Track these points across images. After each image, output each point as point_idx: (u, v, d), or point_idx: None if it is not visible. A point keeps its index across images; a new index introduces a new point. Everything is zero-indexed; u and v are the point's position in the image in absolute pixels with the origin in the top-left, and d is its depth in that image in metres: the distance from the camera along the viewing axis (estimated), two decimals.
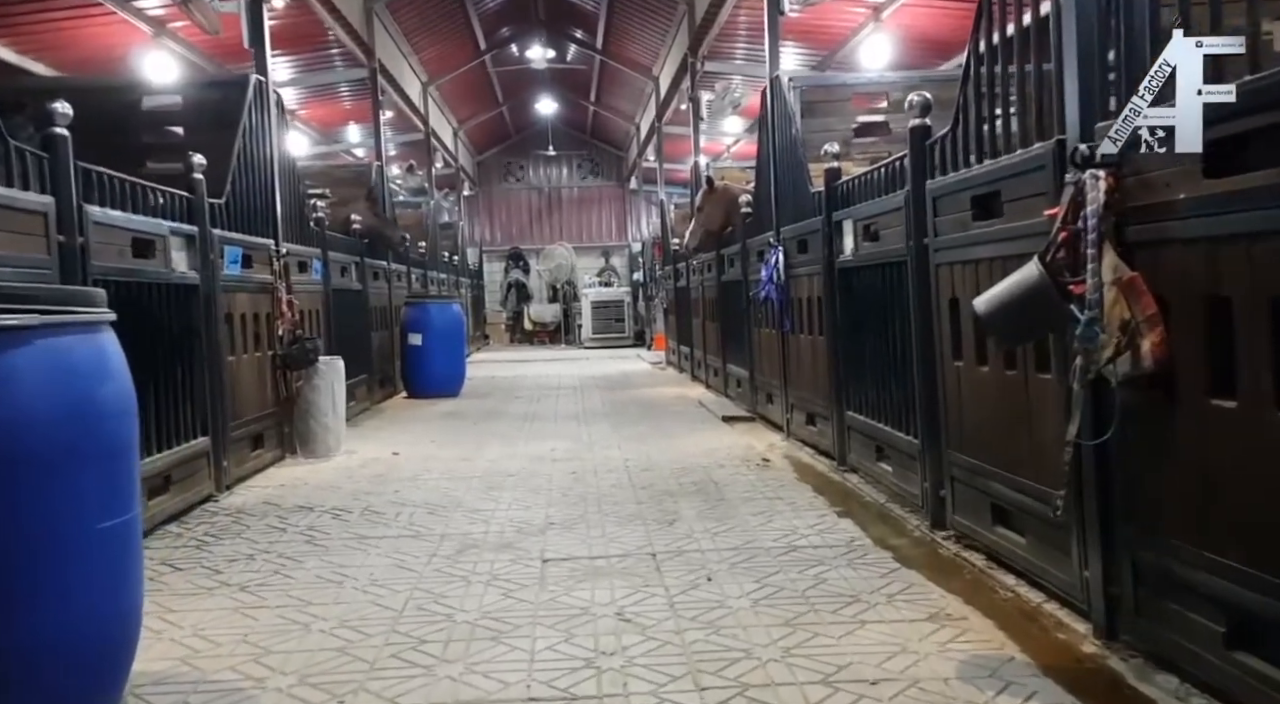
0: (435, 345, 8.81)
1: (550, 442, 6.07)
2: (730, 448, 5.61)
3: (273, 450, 5.41)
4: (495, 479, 4.84)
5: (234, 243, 4.95)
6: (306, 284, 6.34)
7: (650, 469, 5.00)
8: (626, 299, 17.77)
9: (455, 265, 14.87)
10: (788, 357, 5.81)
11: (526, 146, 20.28)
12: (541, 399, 8.73)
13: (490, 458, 5.50)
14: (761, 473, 4.82)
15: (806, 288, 5.33)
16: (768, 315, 6.22)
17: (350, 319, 7.56)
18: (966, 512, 3.27)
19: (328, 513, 4.17)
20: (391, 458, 5.60)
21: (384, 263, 9.03)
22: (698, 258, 9.31)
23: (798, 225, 5.44)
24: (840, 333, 4.73)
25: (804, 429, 5.50)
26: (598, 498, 4.32)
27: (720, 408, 7.48)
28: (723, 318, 8.22)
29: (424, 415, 7.62)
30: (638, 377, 11.22)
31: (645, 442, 5.97)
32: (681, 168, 16.87)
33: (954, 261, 3.25)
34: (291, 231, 6.12)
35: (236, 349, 4.97)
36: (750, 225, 6.93)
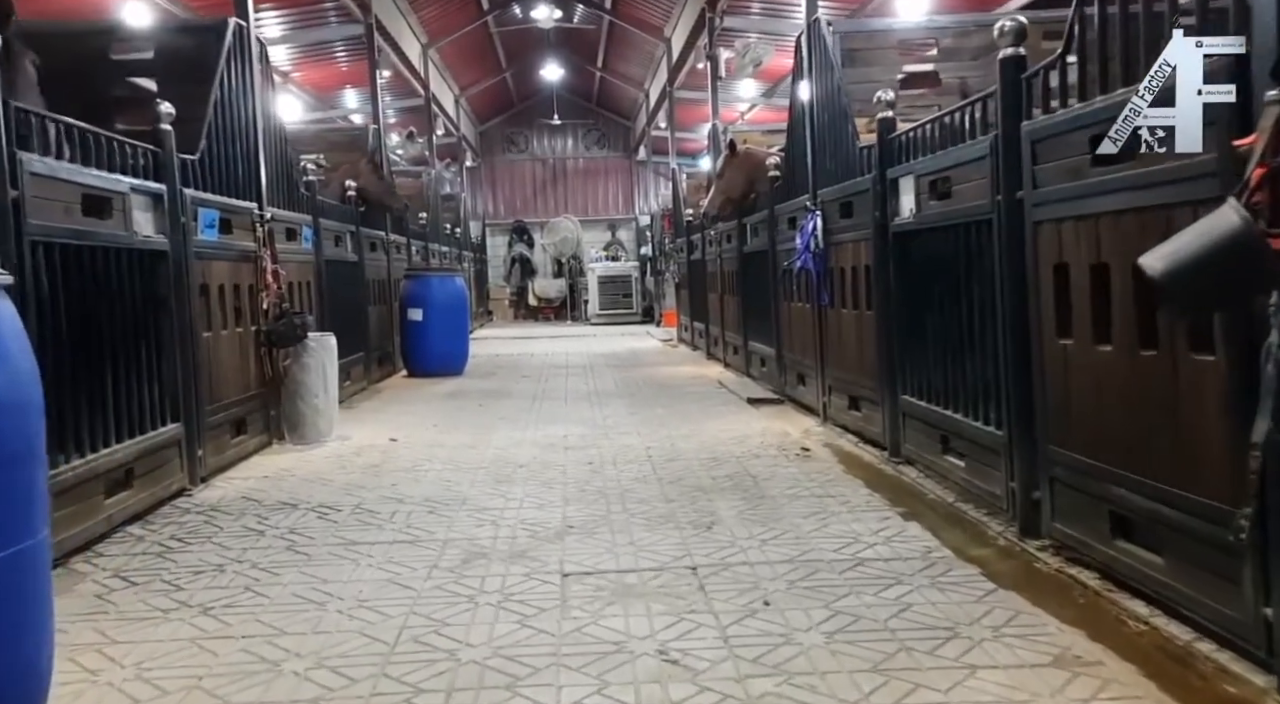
0: (437, 321, 8.27)
1: (562, 426, 5.54)
2: (762, 434, 5.08)
3: (257, 436, 4.88)
4: (504, 470, 4.31)
5: (210, 205, 4.40)
6: (296, 253, 5.79)
7: (676, 459, 4.47)
8: (634, 274, 17.17)
9: (458, 238, 14.30)
10: (825, 334, 5.26)
11: (531, 116, 19.60)
12: (550, 378, 8.20)
13: (497, 445, 4.97)
14: (803, 464, 4.29)
15: (850, 256, 4.76)
16: (802, 288, 5.66)
17: (345, 292, 7.01)
18: (1071, 519, 2.73)
19: (313, 511, 3.64)
20: (389, 444, 5.08)
21: (382, 233, 8.47)
22: (715, 228, 8.73)
23: (840, 187, 4.87)
24: (895, 306, 4.18)
25: (845, 414, 4.96)
26: (620, 494, 3.80)
27: (743, 389, 6.94)
28: (744, 291, 7.66)
29: (425, 396, 7.10)
30: (649, 354, 10.69)
31: (666, 426, 5.43)
32: (693, 137, 16.23)
33: (1062, 218, 2.69)
34: (278, 195, 5.56)
35: (214, 324, 4.43)
36: (779, 191, 6.35)
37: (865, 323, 4.59)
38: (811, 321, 5.51)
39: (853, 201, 4.69)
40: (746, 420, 5.60)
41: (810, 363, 5.61)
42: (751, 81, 12.59)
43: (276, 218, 5.34)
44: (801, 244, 5.22)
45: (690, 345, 11.07)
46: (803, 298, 5.77)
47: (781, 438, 4.96)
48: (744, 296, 7.69)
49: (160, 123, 4.01)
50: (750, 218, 7.35)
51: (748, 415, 5.81)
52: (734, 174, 7.19)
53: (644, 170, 19.29)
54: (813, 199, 5.29)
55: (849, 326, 4.85)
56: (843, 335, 4.96)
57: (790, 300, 6.10)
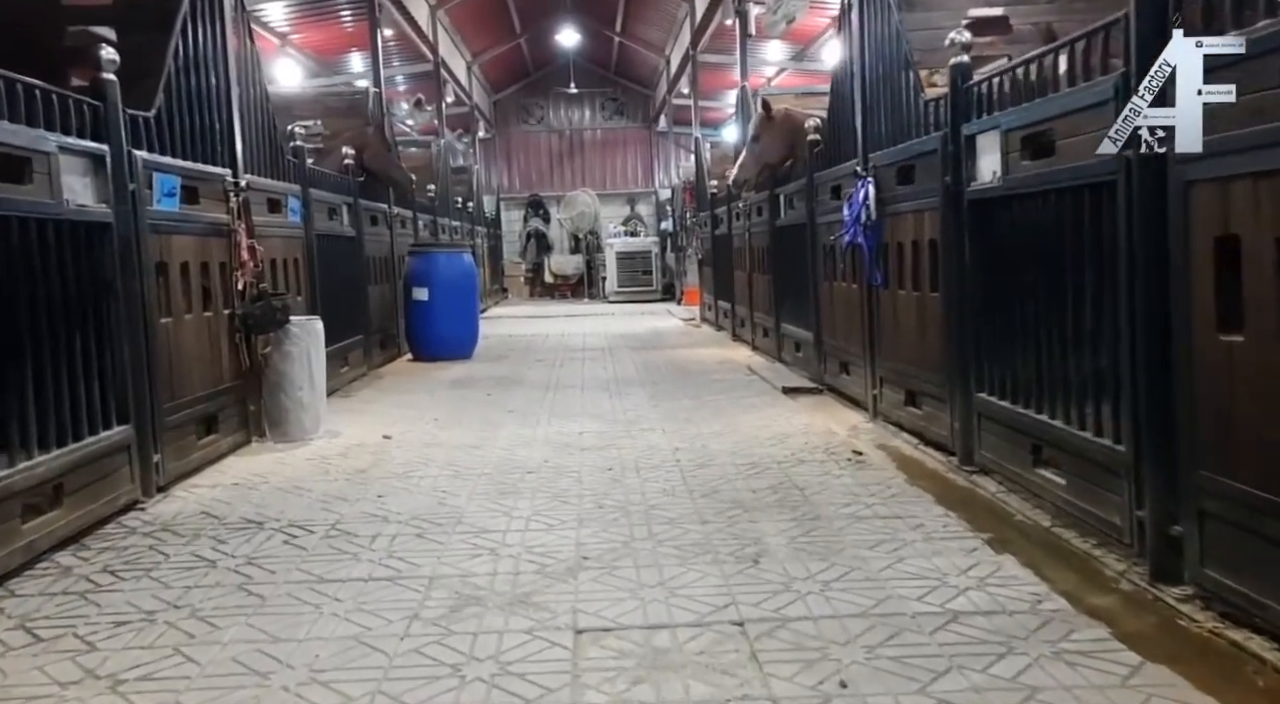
0: (443, 301, 7.68)
1: (578, 421, 4.94)
2: (804, 432, 4.46)
3: (232, 435, 4.32)
4: (509, 477, 3.73)
5: (169, 170, 3.80)
6: (280, 227, 5.20)
7: (708, 464, 3.87)
8: (654, 249, 16.51)
9: (470, 212, 13.69)
10: (876, 318, 4.62)
11: (546, 85, 18.86)
12: (565, 363, 7.60)
13: (503, 444, 4.38)
14: (857, 472, 3.67)
15: (910, 229, 4.11)
16: (848, 266, 5.01)
17: (341, 270, 6.42)
18: (1230, 566, 2.11)
19: (281, 533, 3.07)
20: (381, 443, 4.50)
21: (385, 206, 7.86)
22: (744, 201, 8.07)
23: (898, 149, 4.21)
24: (969, 288, 3.53)
25: (900, 410, 4.33)
26: (645, 511, 3.20)
27: (776, 376, 6.32)
28: (777, 269, 7.01)
29: (428, 384, 6.52)
30: (670, 335, 10.07)
31: (694, 421, 4.83)
32: (716, 105, 15.47)
33: (1231, 175, 2.04)
34: (259, 161, 4.96)
35: (176, 308, 3.85)
36: (819, 157, 5.68)
37: (929, 307, 3.95)
38: (859, 304, 4.87)
39: (914, 165, 4.03)
40: (784, 414, 4.98)
41: (856, 351, 4.98)
42: (779, 44, 11.83)
43: (255, 186, 4.74)
44: (850, 216, 4.56)
45: (714, 325, 10.45)
46: (848, 277, 5.12)
47: (827, 437, 4.34)
48: (776, 275, 7.04)
49: (103, 72, 3.40)
50: (785, 188, 6.69)
51: (784, 408, 5.19)
52: (771, 138, 6.53)
53: (664, 141, 18.54)
54: (863, 164, 4.62)
55: (907, 311, 4.21)
56: (899, 321, 4.32)
57: (832, 279, 5.45)
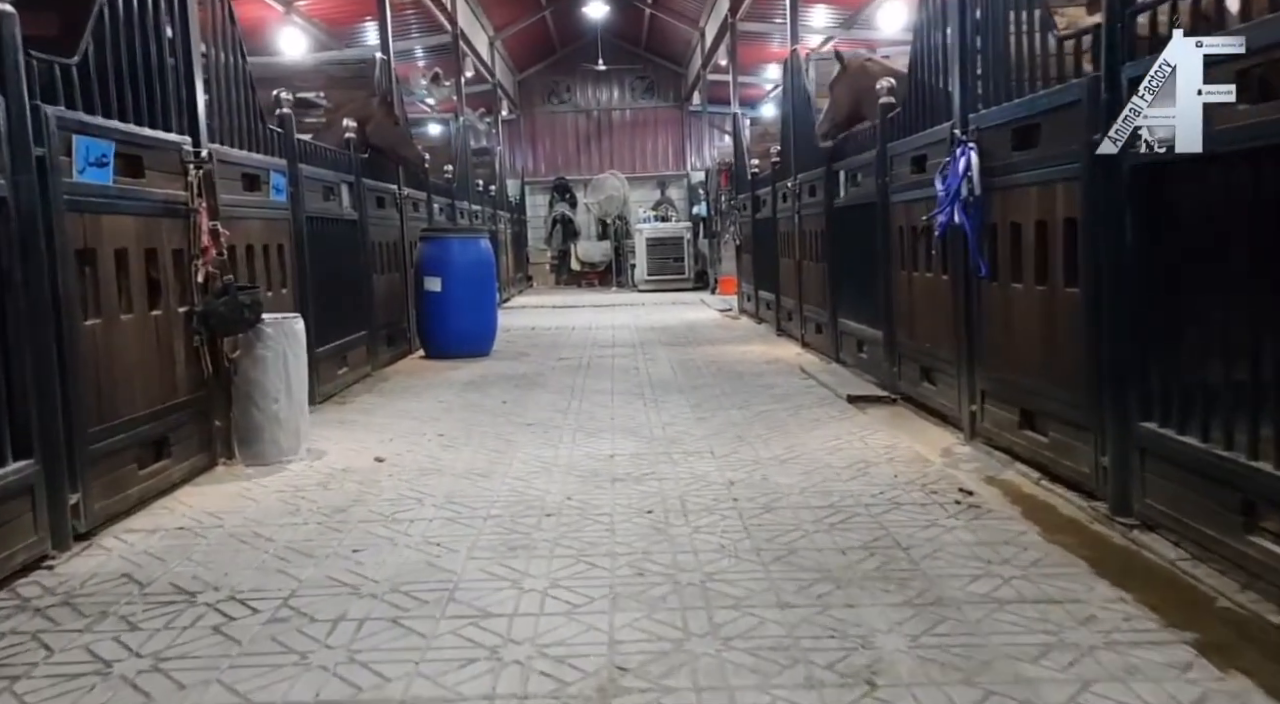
0: (458, 292, 6.89)
1: (607, 439, 4.13)
2: (888, 458, 3.62)
3: (191, 459, 3.56)
4: (521, 523, 2.92)
5: (97, 132, 3.02)
6: (259, 208, 4.42)
7: (774, 505, 3.04)
8: (686, 235, 15.61)
9: (492, 196, 12.90)
10: (978, 316, 3.75)
11: (573, 63, 17.96)
12: (592, 362, 6.79)
13: (518, 471, 3.59)
14: (971, 521, 2.82)
15: (1032, 205, 3.24)
16: (935, 252, 4.15)
17: (339, 258, 5.65)
18: None
19: (216, 610, 2.29)
20: (371, 467, 3.72)
21: (394, 186, 7.08)
22: (792, 179, 7.20)
23: (1015, 105, 3.33)
24: (1130, 280, 2.66)
25: (1012, 434, 3.47)
26: (701, 584, 2.38)
27: (836, 381, 5.46)
28: (834, 256, 6.15)
29: (438, 387, 5.74)
30: (707, 329, 9.22)
31: (748, 440, 4.00)
32: (754, 81, 14.53)
33: None
34: (230, 129, 4.18)
35: (108, 306, 3.08)
36: (896, 122, 4.80)
37: (1060, 304, 3.08)
38: (950, 299, 4.01)
39: (1039, 125, 3.15)
40: (856, 431, 4.13)
41: (945, 355, 4.12)
42: (826, 10, 10.90)
43: (224, 159, 3.96)
44: (947, 190, 3.69)
45: (754, 318, 9.59)
46: (933, 265, 4.26)
47: (919, 466, 3.49)
48: (833, 262, 6.18)
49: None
50: (845, 162, 5.81)
51: (854, 423, 4.34)
52: (841, 91, 5.76)
53: (697, 121, 17.59)
54: (961, 126, 3.74)
55: (1026, 309, 3.33)
56: (1012, 321, 3.45)
57: (910, 268, 4.59)
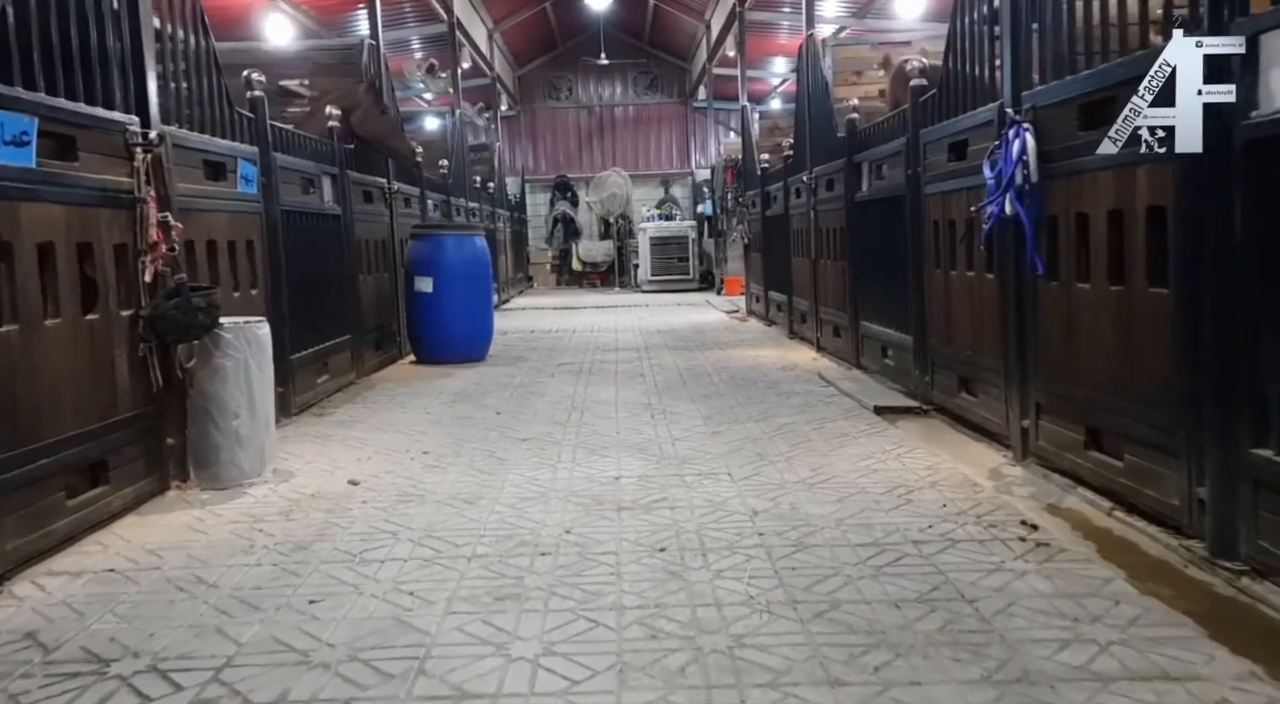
0: (451, 293, 6.45)
1: (612, 457, 3.69)
2: (930, 481, 3.18)
3: (135, 483, 3.12)
4: (511, 564, 2.48)
5: (12, 104, 2.58)
6: (224, 199, 3.99)
7: (807, 542, 2.60)
8: (691, 234, 15.17)
9: (491, 194, 12.46)
10: (1029, 321, 3.31)
11: (574, 57, 17.51)
12: (594, 368, 6.35)
13: (509, 497, 3.14)
14: (1044, 563, 2.38)
15: (1106, 193, 2.79)
16: (976, 249, 3.70)
17: (320, 256, 5.22)
18: None
19: (130, 688, 1.86)
20: (344, 492, 3.29)
21: (383, 180, 6.65)
22: (807, 174, 6.76)
23: (1083, 78, 2.88)
24: (1235, 282, 2.22)
25: (1075, 455, 3.02)
26: (729, 651, 1.94)
27: (860, 389, 5.02)
28: (856, 254, 5.71)
29: (426, 396, 5.30)
30: (715, 331, 8.78)
31: (769, 458, 3.56)
32: (762, 75, 14.09)
33: None
34: (190, 111, 3.75)
35: (29, 309, 2.64)
36: (927, 106, 4.36)
37: (1143, 308, 2.64)
38: (997, 301, 3.57)
39: (1115, 98, 2.71)
40: (890, 449, 3.69)
41: (991, 363, 3.67)
42: None
43: (181, 143, 3.53)
44: (999, 178, 3.25)
45: (764, 319, 9.15)
46: (974, 263, 3.82)
47: (967, 492, 3.05)
48: (854, 261, 5.74)
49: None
50: (868, 153, 5.37)
51: (887, 438, 3.90)
52: (893, 90, 5.39)
53: (702, 117, 17.13)
54: (1014, 105, 3.30)
55: (1095, 312, 2.89)
56: (1077, 326, 3.01)
57: (947, 267, 4.14)
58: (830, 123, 6.21)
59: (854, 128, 5.64)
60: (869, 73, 6.84)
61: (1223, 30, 2.21)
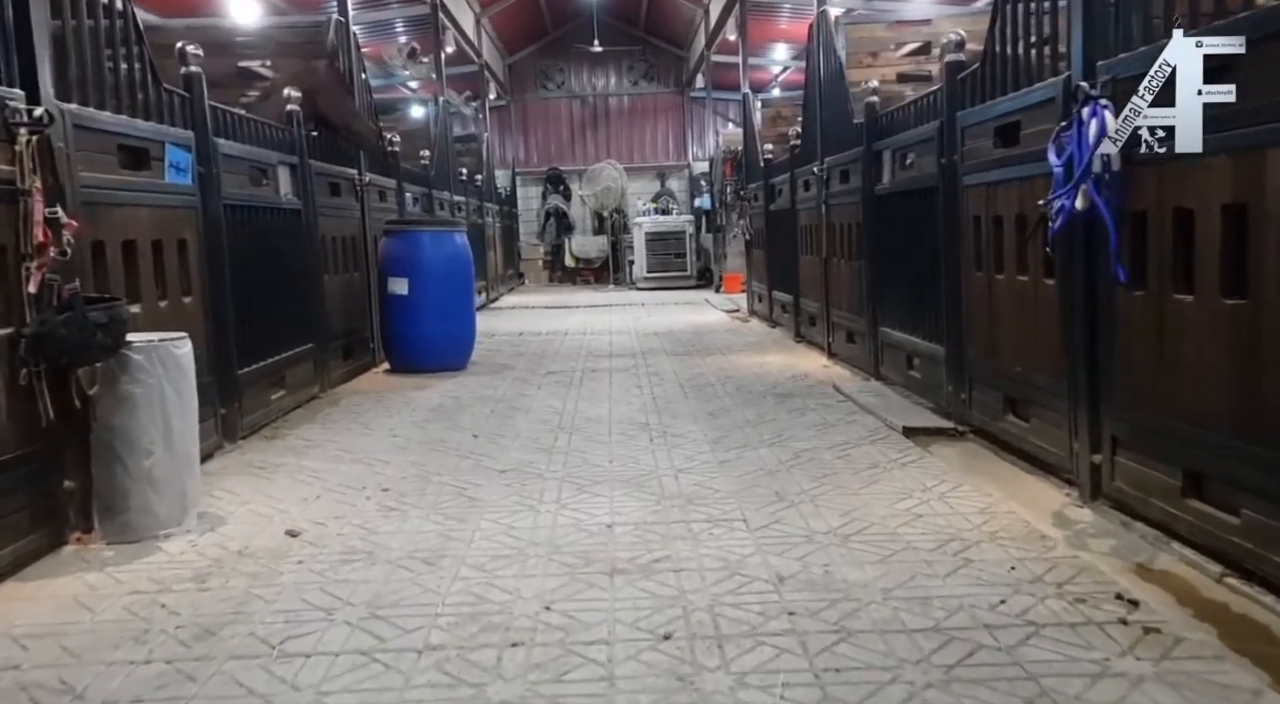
0: (428, 295, 5.88)
1: (604, 497, 3.13)
2: (990, 531, 2.62)
3: (17, 541, 2.55)
4: (471, 666, 1.92)
5: None
6: (146, 191, 3.41)
7: (852, 628, 2.04)
8: (689, 229, 14.59)
9: (479, 187, 11.87)
10: (1104, 336, 2.75)
11: (566, 45, 16.88)
12: (586, 378, 5.78)
13: (477, 556, 2.58)
14: (1161, 661, 1.83)
15: (1220, 182, 2.23)
16: (1058, 249, 3.14)
17: (276, 257, 4.64)
18: None
19: None
20: (280, 545, 2.71)
21: (352, 170, 6.06)
22: (818, 165, 6.19)
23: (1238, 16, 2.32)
24: None
25: (1169, 504, 2.46)
26: None
27: (882, 404, 4.47)
28: (875, 252, 5.16)
29: (396, 413, 4.72)
30: (716, 333, 8.22)
31: (790, 499, 3.00)
32: (763, 63, 13.51)
33: None
34: (102, 85, 3.16)
35: None
36: (965, 83, 3.80)
37: (1272, 330, 2.08)
38: (1060, 310, 3.01)
39: (1242, 62, 2.15)
40: (928, 483, 3.13)
41: (1049, 383, 3.11)
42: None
43: (86, 124, 2.95)
44: (1072, 162, 2.68)
45: (767, 321, 8.59)
46: (1026, 265, 3.26)
47: (1036, 547, 2.49)
48: (873, 260, 5.19)
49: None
50: (889, 141, 4.81)
51: (922, 468, 3.34)
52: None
53: (699, 108, 16.53)
54: (1086, 77, 2.73)
55: (1203, 332, 2.33)
56: (1175, 347, 2.44)
57: (991, 269, 3.58)
58: (845, 108, 5.65)
59: (874, 112, 5.07)
60: (885, 54, 6.26)
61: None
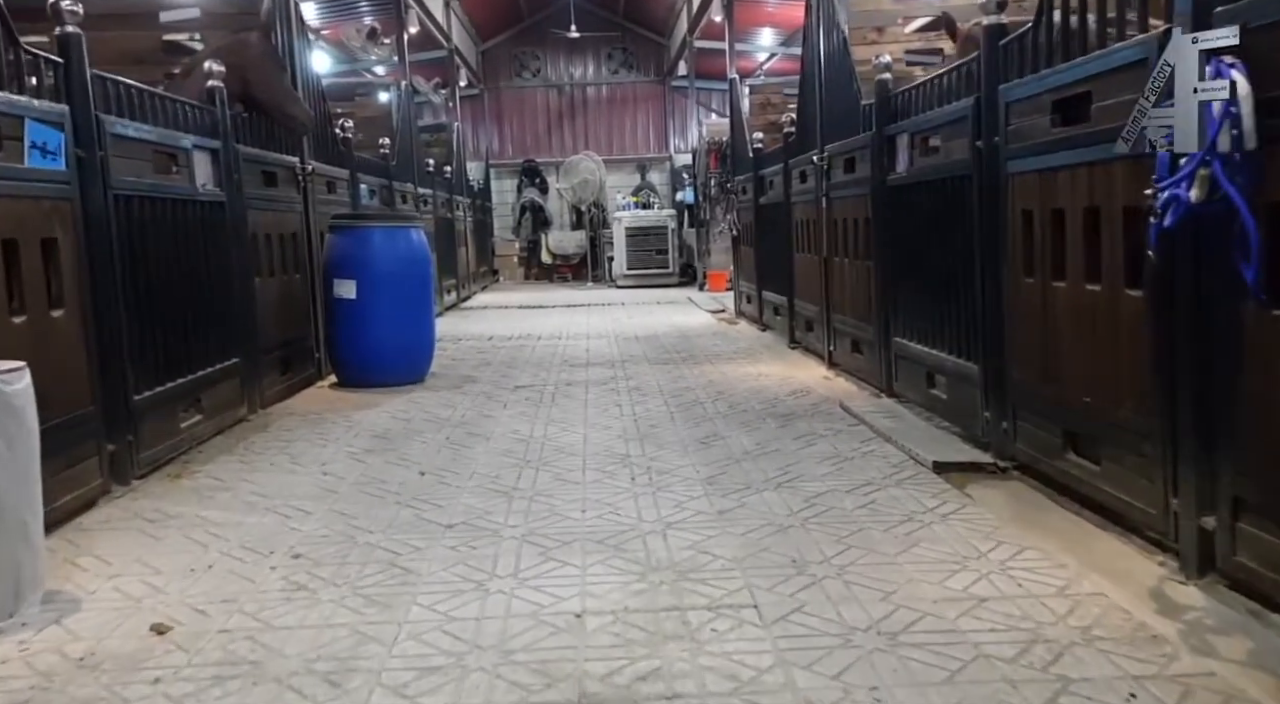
0: (379, 299, 5.19)
1: (575, 566, 2.46)
2: (1080, 626, 1.98)
3: None
4: None
5: None
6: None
7: None
8: (670, 224, 13.92)
9: (448, 180, 11.14)
10: (1219, 367, 2.12)
11: (542, 32, 16.12)
12: (559, 393, 5.11)
13: (397, 672, 1.90)
14: None
15: None
16: (1102, 256, 2.51)
17: (189, 257, 3.93)
18: None
19: None
20: (137, 649, 2.03)
21: (293, 158, 5.34)
22: (817, 154, 5.56)
23: None
24: None
25: None
26: None
27: (901, 429, 3.83)
28: (887, 252, 4.52)
29: (331, 443, 4.03)
30: (702, 338, 7.57)
31: (811, 571, 2.36)
32: (749, 49, 12.86)
33: None
34: None
35: None
36: (1017, 50, 3.16)
37: None
38: (1151, 330, 2.37)
39: None
40: (981, 545, 2.49)
41: (1135, 421, 2.48)
42: None
43: None
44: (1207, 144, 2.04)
45: (757, 323, 7.96)
46: (1099, 272, 2.63)
47: (1149, 653, 1.85)
48: (885, 260, 4.55)
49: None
50: (908, 123, 4.18)
51: (968, 522, 2.70)
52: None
53: (681, 98, 15.86)
54: (1196, 29, 2.09)
55: None
56: None
57: (1046, 274, 2.95)
58: (851, 88, 5.01)
59: (886, 92, 4.43)
60: (891, 29, 5.64)
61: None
